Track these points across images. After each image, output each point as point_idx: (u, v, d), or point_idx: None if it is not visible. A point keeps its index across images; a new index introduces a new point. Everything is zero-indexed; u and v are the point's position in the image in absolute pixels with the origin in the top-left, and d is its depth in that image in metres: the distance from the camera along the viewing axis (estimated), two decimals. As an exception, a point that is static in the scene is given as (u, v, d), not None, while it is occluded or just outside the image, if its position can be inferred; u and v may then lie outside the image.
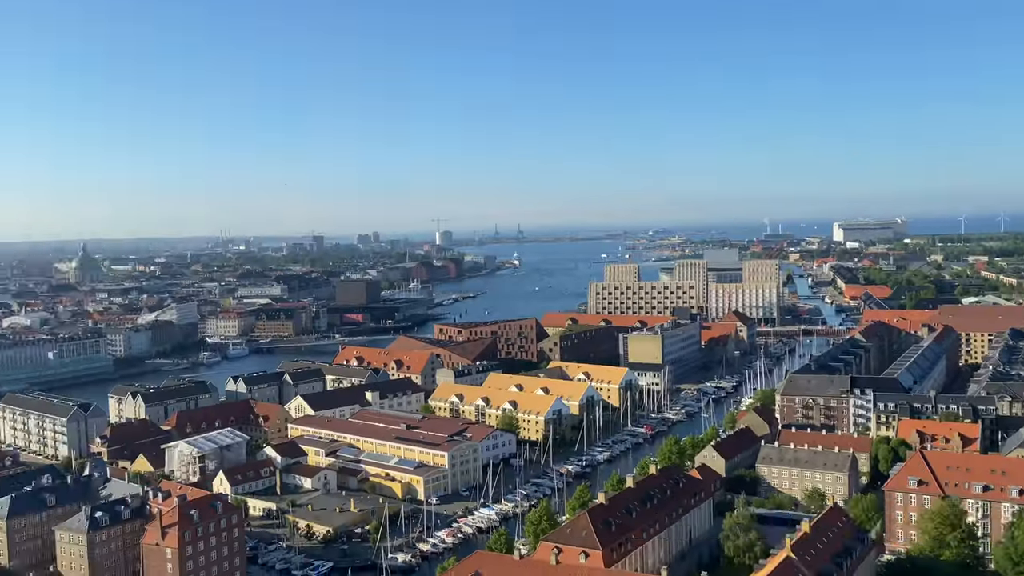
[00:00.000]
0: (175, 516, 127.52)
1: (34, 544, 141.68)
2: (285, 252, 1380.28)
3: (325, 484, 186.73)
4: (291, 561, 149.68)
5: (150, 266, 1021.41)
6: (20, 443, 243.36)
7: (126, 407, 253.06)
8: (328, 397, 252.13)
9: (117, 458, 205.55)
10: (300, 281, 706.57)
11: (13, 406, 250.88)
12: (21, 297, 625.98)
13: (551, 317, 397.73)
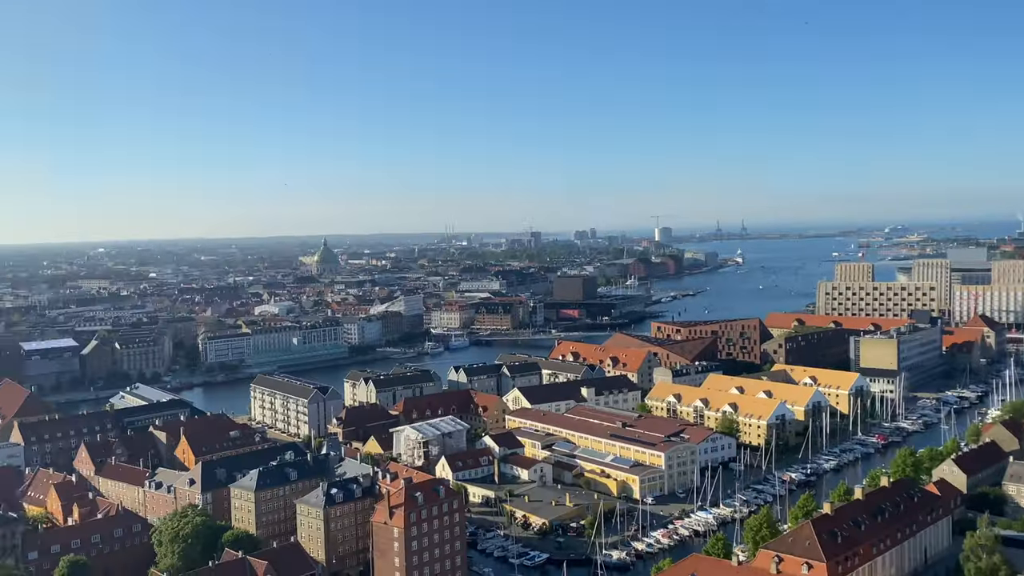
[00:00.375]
0: (402, 497, 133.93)
1: (278, 515, 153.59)
2: (504, 247, 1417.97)
3: (541, 476, 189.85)
4: (508, 549, 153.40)
5: (382, 260, 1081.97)
6: (268, 421, 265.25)
7: (359, 391, 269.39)
8: (544, 391, 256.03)
9: (351, 439, 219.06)
10: (518, 276, 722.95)
11: (262, 387, 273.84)
12: (270, 288, 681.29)
13: (776, 317, 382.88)
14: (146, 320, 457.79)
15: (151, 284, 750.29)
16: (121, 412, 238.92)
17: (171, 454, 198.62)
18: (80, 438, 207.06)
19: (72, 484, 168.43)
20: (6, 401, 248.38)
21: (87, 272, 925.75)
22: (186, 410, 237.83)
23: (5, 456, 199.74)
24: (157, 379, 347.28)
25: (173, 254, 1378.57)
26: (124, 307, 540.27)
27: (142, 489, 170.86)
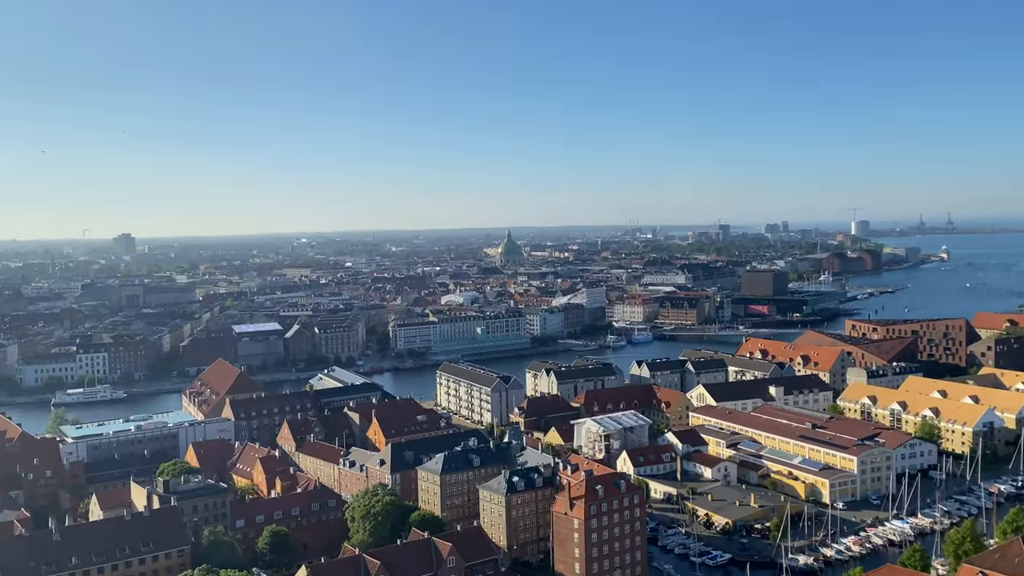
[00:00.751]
0: (582, 489, 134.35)
1: (461, 499, 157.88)
2: (691, 241, 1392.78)
3: (725, 475, 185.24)
4: (689, 547, 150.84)
5: (564, 252, 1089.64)
6: (452, 407, 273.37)
7: (540, 382, 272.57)
8: (730, 388, 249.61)
9: (532, 428, 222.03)
10: (704, 270, 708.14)
11: (448, 374, 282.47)
12: (456, 278, 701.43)
13: (984, 318, 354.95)
14: (342, 307, 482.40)
15: (347, 273, 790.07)
16: (319, 393, 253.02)
17: (363, 435, 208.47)
18: (283, 416, 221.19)
19: (275, 459, 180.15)
20: (219, 379, 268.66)
21: (291, 261, 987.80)
22: (377, 393, 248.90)
23: (217, 430, 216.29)
24: (351, 363, 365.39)
25: (367, 245, 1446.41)
26: (323, 294, 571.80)
27: (337, 467, 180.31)
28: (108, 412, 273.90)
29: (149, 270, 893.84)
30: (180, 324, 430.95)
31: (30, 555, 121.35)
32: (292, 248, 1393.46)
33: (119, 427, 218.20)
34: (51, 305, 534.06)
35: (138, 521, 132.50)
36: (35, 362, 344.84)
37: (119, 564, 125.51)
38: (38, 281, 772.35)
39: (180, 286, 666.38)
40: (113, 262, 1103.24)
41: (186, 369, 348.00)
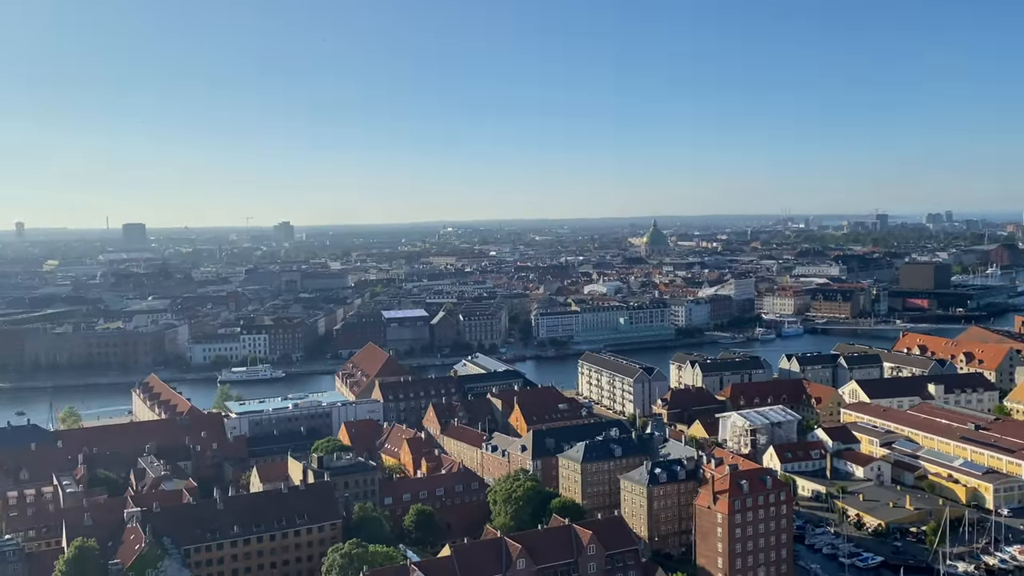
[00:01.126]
0: (726, 483, 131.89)
1: (602, 488, 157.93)
2: (846, 231, 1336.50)
3: (878, 475, 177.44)
4: (839, 548, 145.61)
5: (712, 242, 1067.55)
6: (594, 397, 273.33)
7: (685, 374, 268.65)
8: (886, 385, 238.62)
9: (675, 421, 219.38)
10: (860, 261, 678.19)
11: (590, 364, 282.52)
12: (599, 268, 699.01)
13: None
14: (486, 295, 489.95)
15: (491, 261, 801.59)
16: (463, 378, 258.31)
17: (505, 420, 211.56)
18: (429, 399, 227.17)
19: (421, 440, 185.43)
20: (370, 362, 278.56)
21: (437, 249, 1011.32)
22: (519, 380, 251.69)
23: (367, 411, 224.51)
24: (494, 350, 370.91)
25: (511, 233, 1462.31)
26: (467, 282, 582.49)
27: (480, 450, 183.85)
28: (268, 390, 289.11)
29: (306, 257, 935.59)
30: (334, 309, 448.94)
31: (196, 522, 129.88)
32: (439, 237, 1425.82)
33: (278, 405, 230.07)
34: (218, 288, 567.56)
35: (294, 494, 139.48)
36: (203, 341, 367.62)
37: (276, 534, 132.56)
38: (207, 266, 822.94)
39: (334, 272, 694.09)
40: (274, 249, 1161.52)
41: (339, 351, 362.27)
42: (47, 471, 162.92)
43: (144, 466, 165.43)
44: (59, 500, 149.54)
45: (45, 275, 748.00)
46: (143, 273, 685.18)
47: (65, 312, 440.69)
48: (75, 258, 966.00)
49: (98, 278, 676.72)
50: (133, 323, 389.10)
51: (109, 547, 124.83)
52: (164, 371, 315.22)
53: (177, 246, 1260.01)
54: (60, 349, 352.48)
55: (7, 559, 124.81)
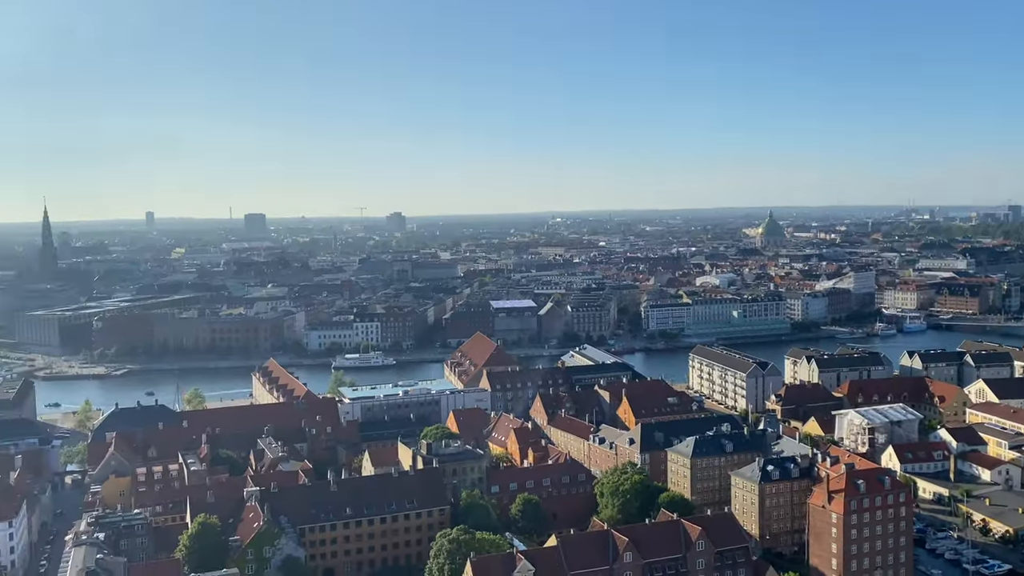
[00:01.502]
0: (842, 483, 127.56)
1: (712, 484, 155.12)
2: (974, 222, 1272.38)
3: (1007, 479, 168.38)
4: (962, 553, 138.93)
5: (831, 234, 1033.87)
6: (705, 391, 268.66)
7: (800, 370, 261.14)
8: (1017, 385, 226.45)
9: (789, 417, 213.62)
10: (990, 255, 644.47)
11: (701, 357, 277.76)
12: (712, 259, 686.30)
13: None
14: (595, 286, 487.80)
15: (600, 252, 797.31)
16: (571, 370, 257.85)
17: (613, 413, 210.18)
18: (536, 390, 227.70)
19: (528, 430, 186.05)
20: (478, 352, 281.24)
21: (546, 240, 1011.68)
22: (628, 373, 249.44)
23: (475, 399, 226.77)
24: (603, 342, 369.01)
25: (621, 224, 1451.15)
26: (576, 273, 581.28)
27: (587, 442, 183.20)
28: (379, 377, 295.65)
29: (417, 246, 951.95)
30: (443, 298, 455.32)
31: (311, 502, 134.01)
32: (547, 227, 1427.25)
33: (389, 391, 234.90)
34: (333, 277, 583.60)
35: (404, 479, 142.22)
36: (319, 328, 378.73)
37: (387, 517, 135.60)
38: (322, 255, 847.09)
39: (444, 262, 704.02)
40: (386, 239, 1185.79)
41: (448, 340, 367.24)
42: (173, 449, 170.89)
43: (263, 447, 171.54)
44: (184, 477, 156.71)
45: (173, 262, 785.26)
46: (263, 261, 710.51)
47: (191, 298, 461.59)
48: (200, 247, 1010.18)
49: (221, 266, 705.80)
50: (254, 309, 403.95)
51: (230, 524, 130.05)
52: (282, 356, 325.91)
53: (295, 236, 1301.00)
54: (186, 333, 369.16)
55: (135, 532, 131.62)
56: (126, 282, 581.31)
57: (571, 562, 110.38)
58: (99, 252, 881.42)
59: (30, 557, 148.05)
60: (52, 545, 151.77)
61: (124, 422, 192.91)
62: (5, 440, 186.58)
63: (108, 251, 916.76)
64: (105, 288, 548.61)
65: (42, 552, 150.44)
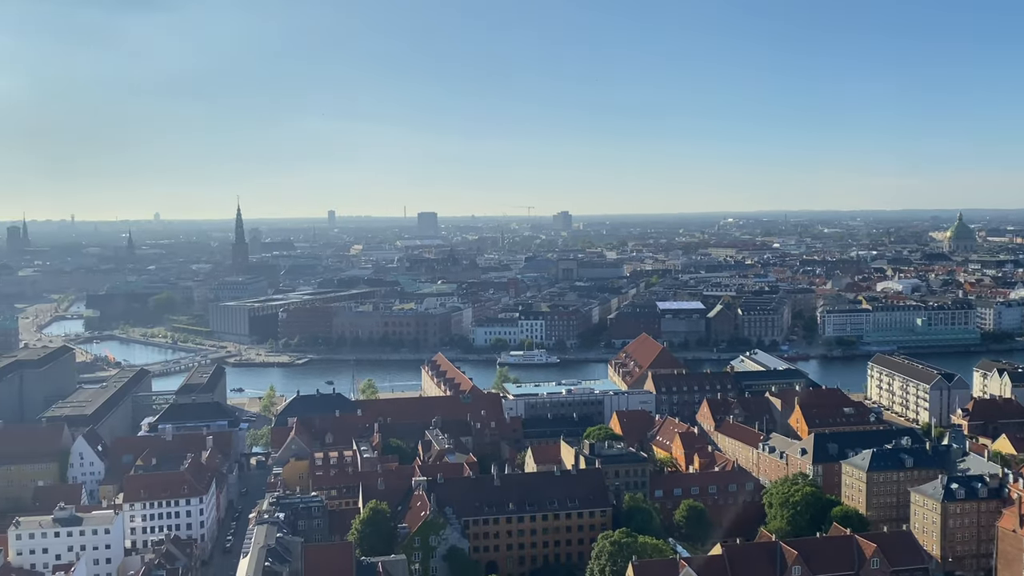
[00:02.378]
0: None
1: (889, 500, 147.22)
2: None
3: None
4: None
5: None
6: (884, 402, 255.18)
7: (991, 383, 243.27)
8: None
9: (977, 433, 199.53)
10: None
11: (881, 366, 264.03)
12: (895, 263, 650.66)
13: None
14: (767, 289, 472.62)
15: (774, 254, 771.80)
16: (740, 375, 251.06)
17: (784, 421, 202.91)
18: (703, 394, 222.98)
19: (694, 435, 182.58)
20: (643, 353, 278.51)
21: (716, 240, 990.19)
22: (801, 380, 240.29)
23: (639, 401, 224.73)
24: (775, 347, 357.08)
25: (797, 225, 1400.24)
26: (747, 275, 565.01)
27: (755, 450, 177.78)
28: (542, 374, 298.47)
29: (583, 245, 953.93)
30: (608, 298, 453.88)
31: (475, 495, 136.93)
32: (718, 228, 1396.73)
33: (552, 389, 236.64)
34: (500, 275, 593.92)
35: (566, 478, 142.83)
36: (485, 324, 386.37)
37: (548, 515, 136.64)
38: (490, 253, 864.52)
39: (610, 261, 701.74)
40: (552, 237, 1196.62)
41: (612, 341, 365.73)
42: (348, 436, 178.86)
43: (430, 438, 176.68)
44: (357, 464, 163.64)
45: (351, 258, 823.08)
46: (434, 258, 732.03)
47: (367, 293, 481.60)
48: (376, 243, 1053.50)
49: (395, 262, 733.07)
50: (424, 305, 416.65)
51: (398, 511, 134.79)
52: (449, 351, 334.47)
53: (464, 234, 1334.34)
54: (361, 326, 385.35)
55: (313, 514, 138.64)
56: (309, 276, 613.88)
57: (736, 572, 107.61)
58: (285, 248, 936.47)
59: (218, 532, 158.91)
60: (237, 522, 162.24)
61: (304, 408, 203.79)
62: (198, 422, 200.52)
63: (293, 247, 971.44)
64: (290, 281, 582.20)
65: (228, 528, 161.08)
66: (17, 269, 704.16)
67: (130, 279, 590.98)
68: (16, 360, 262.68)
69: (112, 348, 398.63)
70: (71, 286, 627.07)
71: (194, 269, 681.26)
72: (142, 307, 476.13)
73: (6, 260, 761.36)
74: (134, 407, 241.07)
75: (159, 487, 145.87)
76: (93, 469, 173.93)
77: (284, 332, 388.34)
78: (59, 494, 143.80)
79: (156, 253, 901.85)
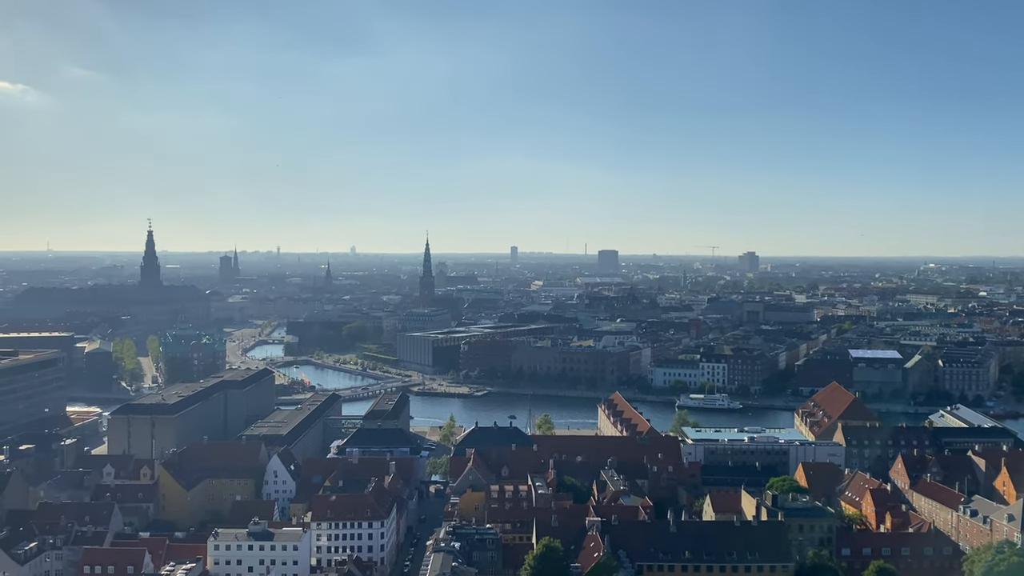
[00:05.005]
0: None
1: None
2: None
3: None
4: None
5: None
6: None
7: None
8: None
9: None
10: None
11: None
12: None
13: None
14: (972, 340, 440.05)
15: (980, 303, 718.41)
16: (940, 431, 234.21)
17: (988, 484, 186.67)
18: (897, 449, 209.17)
19: (887, 492, 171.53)
20: (833, 402, 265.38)
21: (915, 287, 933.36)
22: (1009, 440, 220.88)
23: (827, 453, 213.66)
24: (979, 402, 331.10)
25: (1007, 272, 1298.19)
26: (950, 324, 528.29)
27: (956, 513, 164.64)
28: (723, 420, 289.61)
29: (769, 288, 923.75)
30: (796, 343, 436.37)
31: (650, 540, 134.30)
32: (918, 273, 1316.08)
33: (733, 436, 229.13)
34: (681, 315, 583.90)
35: (747, 529, 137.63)
36: (664, 365, 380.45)
37: (726, 567, 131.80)
38: (671, 292, 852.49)
39: (798, 305, 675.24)
40: (737, 279, 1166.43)
41: (799, 388, 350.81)
42: (523, 471, 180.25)
43: (605, 478, 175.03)
44: (532, 499, 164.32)
45: (531, 294, 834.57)
46: (613, 296, 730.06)
47: (546, 328, 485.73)
48: (556, 280, 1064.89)
49: (575, 299, 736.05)
50: (602, 343, 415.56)
51: (571, 550, 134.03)
52: (627, 390, 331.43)
53: (645, 272, 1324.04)
54: (540, 361, 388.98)
55: (487, 546, 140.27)
56: (490, 310, 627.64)
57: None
58: (469, 282, 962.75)
59: (396, 556, 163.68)
60: (415, 548, 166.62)
61: (482, 440, 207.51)
62: (383, 447, 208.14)
63: (477, 281, 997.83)
64: (472, 315, 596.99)
65: (407, 553, 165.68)
66: (227, 296, 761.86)
67: (327, 308, 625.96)
68: (222, 380, 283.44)
69: (308, 372, 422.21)
70: (274, 313, 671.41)
71: (384, 300, 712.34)
72: (336, 335, 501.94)
73: (218, 287, 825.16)
74: (325, 430, 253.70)
75: (344, 508, 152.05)
76: (286, 487, 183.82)
77: (465, 364, 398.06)
78: (254, 509, 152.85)
79: (351, 284, 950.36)
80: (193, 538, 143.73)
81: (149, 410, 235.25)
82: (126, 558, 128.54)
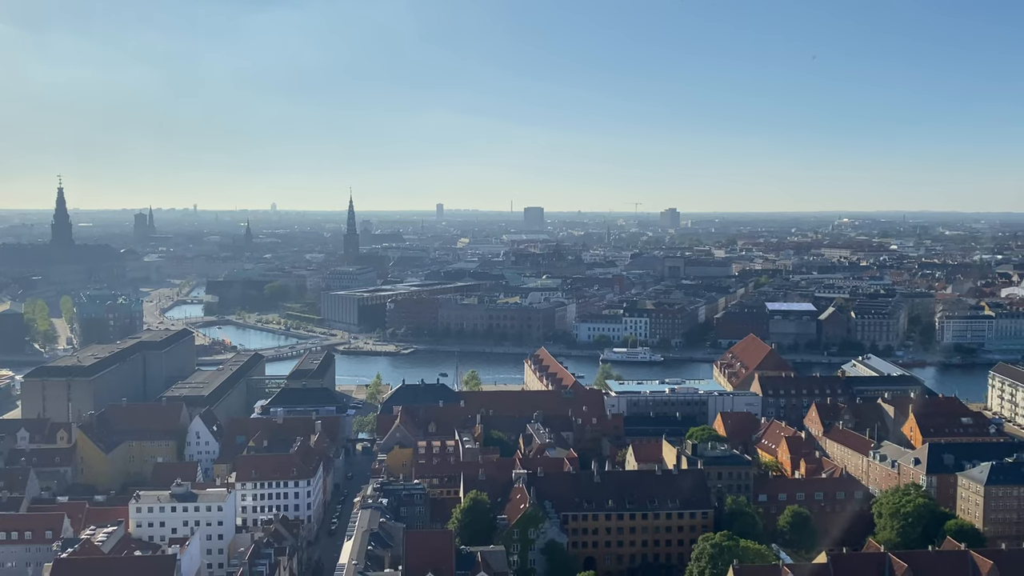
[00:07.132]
0: None
1: (1008, 516, 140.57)
2: None
3: None
4: None
5: None
6: (1006, 413, 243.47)
7: None
8: None
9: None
10: None
11: (1004, 376, 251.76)
12: (1022, 269, 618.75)
13: None
14: (883, 292, 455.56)
15: (891, 256, 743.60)
16: (852, 380, 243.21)
17: (897, 430, 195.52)
18: (811, 398, 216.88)
19: (801, 440, 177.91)
20: (750, 354, 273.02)
21: (830, 241, 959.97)
22: (917, 388, 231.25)
23: (744, 403, 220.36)
24: (889, 352, 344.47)
25: (916, 227, 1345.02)
26: (862, 277, 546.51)
27: (866, 458, 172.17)
28: (646, 373, 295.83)
29: (690, 243, 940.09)
30: (715, 297, 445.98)
31: (575, 491, 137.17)
32: (832, 228, 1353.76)
33: (655, 388, 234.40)
34: (605, 271, 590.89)
35: (668, 477, 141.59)
36: (589, 320, 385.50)
37: (648, 514, 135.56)
38: (595, 249, 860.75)
39: (718, 260, 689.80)
40: (659, 235, 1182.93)
41: (718, 340, 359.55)
42: (451, 427, 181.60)
43: (532, 432, 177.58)
44: (459, 454, 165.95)
45: (458, 251, 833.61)
46: (539, 253, 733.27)
47: (472, 286, 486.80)
48: (483, 237, 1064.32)
49: (501, 256, 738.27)
50: (528, 299, 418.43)
51: (498, 502, 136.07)
52: (552, 345, 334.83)
53: (570, 229, 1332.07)
54: (467, 318, 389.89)
55: (415, 501, 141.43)
56: (416, 268, 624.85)
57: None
58: (395, 240, 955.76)
59: (324, 514, 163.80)
60: (342, 505, 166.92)
61: (409, 397, 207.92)
62: (308, 406, 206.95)
63: (402, 239, 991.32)
64: (398, 273, 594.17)
65: (334, 511, 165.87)
66: (143, 255, 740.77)
67: (247, 267, 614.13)
68: (140, 341, 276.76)
69: (229, 332, 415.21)
70: (192, 272, 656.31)
71: (307, 258, 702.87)
72: (258, 294, 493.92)
73: (133, 246, 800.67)
74: (248, 390, 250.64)
75: (270, 468, 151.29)
76: (208, 448, 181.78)
77: (391, 322, 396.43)
78: (176, 471, 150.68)
79: (272, 242, 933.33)
80: (114, 501, 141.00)
81: (64, 372, 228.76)
82: (44, 523, 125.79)
